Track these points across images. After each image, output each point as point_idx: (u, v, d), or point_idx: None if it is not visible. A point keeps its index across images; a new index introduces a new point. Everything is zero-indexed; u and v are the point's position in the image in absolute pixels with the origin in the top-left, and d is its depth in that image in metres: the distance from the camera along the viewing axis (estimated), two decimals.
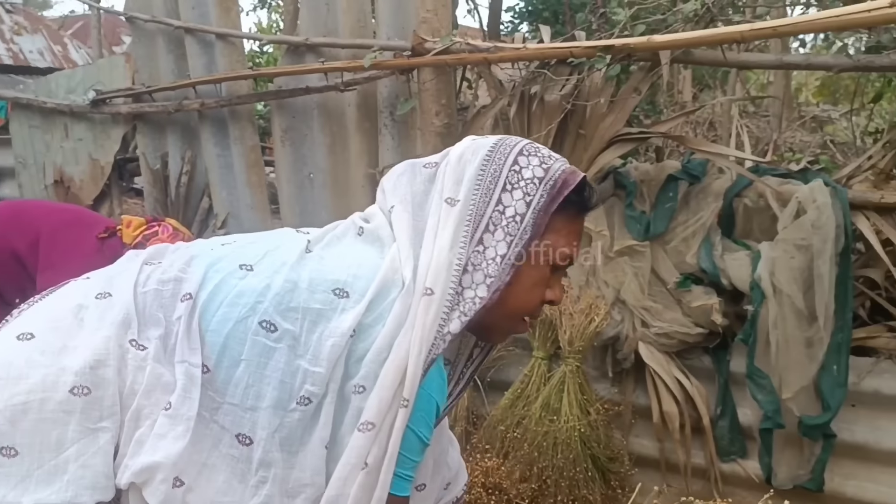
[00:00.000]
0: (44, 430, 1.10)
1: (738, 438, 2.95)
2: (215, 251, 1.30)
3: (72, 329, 1.19)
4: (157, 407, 1.17)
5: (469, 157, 1.31)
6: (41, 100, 4.70)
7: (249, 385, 1.18)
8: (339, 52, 3.63)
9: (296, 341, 1.19)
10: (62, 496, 1.09)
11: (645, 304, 2.98)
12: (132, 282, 1.24)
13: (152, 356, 1.19)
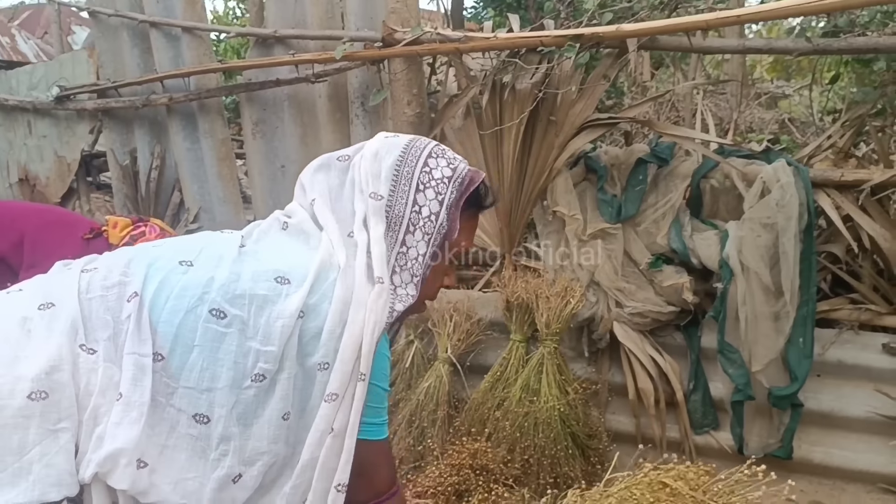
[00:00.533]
0: (4, 435, 1.15)
1: (710, 411, 3.06)
2: (150, 252, 1.38)
3: (20, 340, 1.23)
4: (113, 403, 1.23)
5: (384, 155, 1.41)
6: (2, 97, 4.62)
7: (204, 368, 1.27)
8: (309, 43, 3.64)
9: (245, 325, 1.28)
10: (29, 495, 1.14)
11: (618, 285, 3.07)
12: (74, 290, 1.29)
13: (103, 357, 1.25)
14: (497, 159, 3.27)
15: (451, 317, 3.29)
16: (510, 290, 3.17)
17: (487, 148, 3.28)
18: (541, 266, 3.35)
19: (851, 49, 2.78)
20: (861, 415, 2.86)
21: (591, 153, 3.25)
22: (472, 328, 3.30)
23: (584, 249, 3.12)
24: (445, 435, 3.12)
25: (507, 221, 3.36)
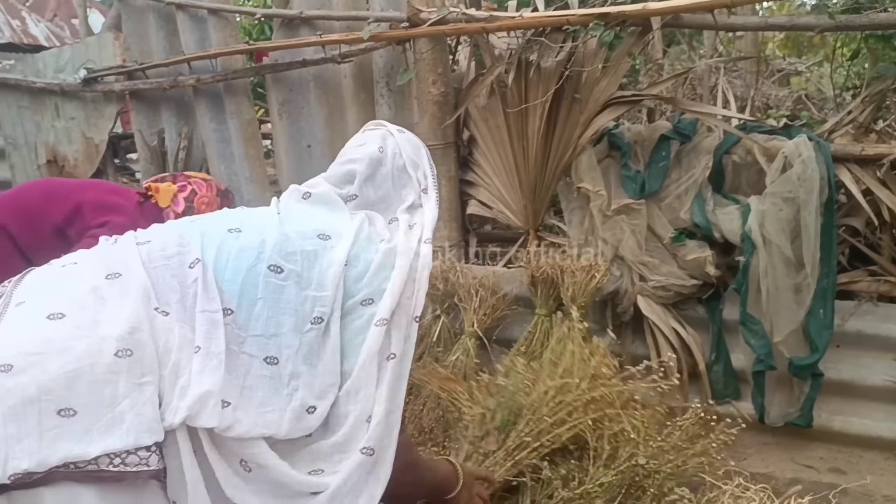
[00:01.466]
0: (96, 390, 1.26)
1: (731, 382, 3.14)
2: (197, 224, 1.59)
3: (97, 306, 1.36)
4: (191, 358, 1.37)
5: (418, 147, 1.87)
6: (30, 80, 4.70)
7: (269, 317, 1.45)
8: (334, 24, 3.70)
9: (300, 277, 1.49)
10: (125, 441, 1.25)
11: (642, 260, 3.14)
12: (138, 260, 1.45)
13: (175, 319, 1.40)
14: (522, 137, 3.33)
15: (477, 292, 3.37)
16: (535, 266, 3.25)
17: (512, 126, 3.35)
18: (565, 242, 3.42)
19: (873, 25, 2.82)
20: (879, 384, 2.94)
21: (614, 130, 3.31)
22: (497, 303, 3.38)
23: (608, 225, 3.19)
24: None
25: (531, 198, 3.43)
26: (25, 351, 1.25)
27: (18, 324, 1.33)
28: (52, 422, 1.21)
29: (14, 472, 1.17)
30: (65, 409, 1.22)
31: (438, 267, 3.44)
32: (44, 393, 1.22)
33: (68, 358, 1.25)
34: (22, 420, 1.20)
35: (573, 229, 3.34)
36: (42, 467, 1.18)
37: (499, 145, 3.44)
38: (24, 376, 1.22)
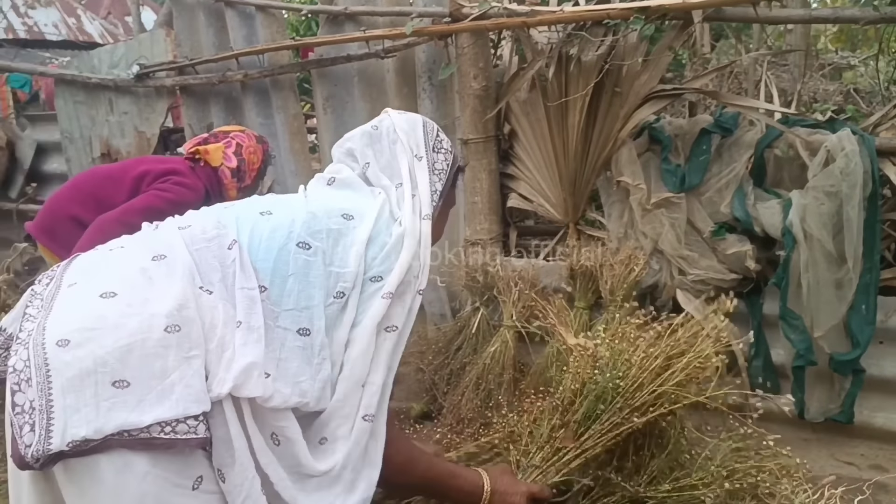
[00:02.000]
0: (148, 363, 1.35)
1: (771, 376, 3.13)
2: (231, 209, 1.71)
3: (146, 285, 1.46)
4: (234, 332, 1.47)
5: (414, 126, 1.94)
6: (85, 76, 4.85)
7: (300, 291, 1.56)
8: (378, 20, 3.76)
9: (325, 254, 1.61)
10: (175, 411, 1.34)
11: (682, 253, 3.14)
12: (181, 243, 1.56)
13: (218, 296, 1.50)
14: (562, 130, 3.35)
15: (516, 284, 3.41)
16: (574, 259, 3.27)
17: (552, 119, 3.37)
18: (605, 235, 3.43)
19: None
20: None
21: (655, 124, 3.31)
22: (536, 296, 3.41)
23: (648, 218, 3.20)
24: (511, 397, 3.24)
25: (571, 191, 3.45)
26: (81, 327, 1.34)
27: (73, 302, 1.43)
28: (107, 392, 1.30)
29: (72, 439, 1.25)
30: (119, 380, 1.31)
31: (478, 259, 3.49)
32: (100, 366, 1.31)
33: (121, 333, 1.35)
34: (79, 391, 1.28)
35: (612, 223, 3.35)
36: (98, 435, 1.27)
37: (539, 139, 3.47)
38: (80, 350, 1.31)
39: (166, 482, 1.34)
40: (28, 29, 13.44)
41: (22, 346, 1.35)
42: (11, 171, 5.42)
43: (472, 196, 3.65)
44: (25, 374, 1.31)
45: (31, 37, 13.05)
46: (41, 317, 1.41)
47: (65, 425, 1.26)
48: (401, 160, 1.86)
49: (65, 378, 1.29)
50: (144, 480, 1.32)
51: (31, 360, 1.32)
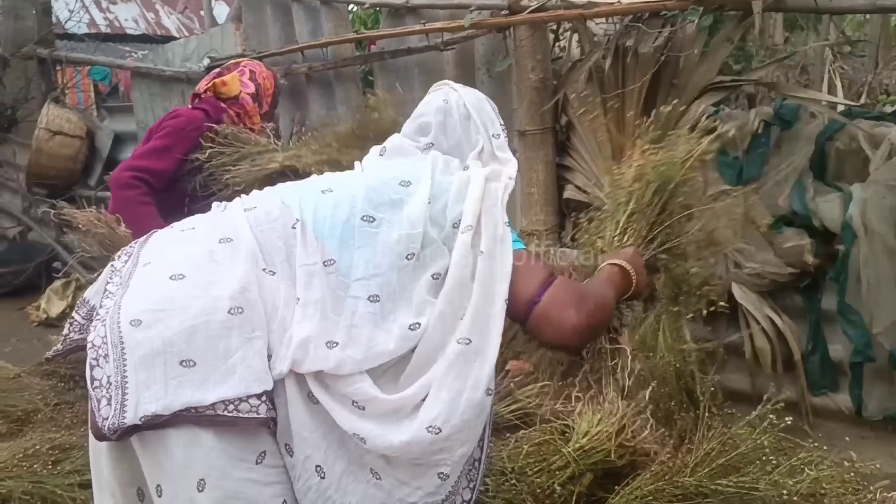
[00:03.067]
0: (212, 344, 1.40)
1: (829, 373, 3.09)
2: (293, 189, 1.73)
3: (211, 268, 1.50)
4: (294, 312, 1.51)
5: (485, 100, 1.95)
6: (160, 68, 5.06)
7: (368, 260, 1.56)
8: (438, 13, 3.82)
9: (391, 224, 1.60)
10: (237, 390, 1.39)
11: (738, 247, 3.12)
12: (246, 226, 1.59)
13: (280, 277, 1.52)
14: (619, 122, 3.36)
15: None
16: None
17: (609, 111, 3.38)
18: None
19: None
20: None
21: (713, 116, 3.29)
22: None
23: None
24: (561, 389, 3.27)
25: None
26: (151, 308, 1.42)
27: (145, 282, 1.51)
28: (175, 371, 1.37)
29: (144, 414, 1.34)
30: (186, 360, 1.38)
31: (532, 250, 3.52)
32: (168, 346, 1.38)
33: (187, 315, 1.41)
34: (150, 369, 1.36)
35: None
36: (167, 411, 1.34)
37: (596, 130, 3.48)
38: (150, 331, 1.39)
39: (231, 457, 1.40)
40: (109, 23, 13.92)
41: (100, 323, 1.43)
42: (91, 160, 5.66)
43: (529, 187, 3.68)
44: (103, 351, 1.39)
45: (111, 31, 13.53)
46: (119, 294, 1.48)
47: (137, 400, 1.34)
48: (475, 141, 1.84)
49: (137, 356, 1.37)
50: (210, 454, 1.38)
51: (108, 336, 1.39)
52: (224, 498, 1.40)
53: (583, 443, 2.24)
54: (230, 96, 3.04)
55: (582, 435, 2.29)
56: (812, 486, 1.88)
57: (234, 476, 1.41)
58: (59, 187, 5.71)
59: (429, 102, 1.94)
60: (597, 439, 2.26)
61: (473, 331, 1.53)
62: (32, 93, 5.99)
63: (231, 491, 1.40)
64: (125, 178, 2.79)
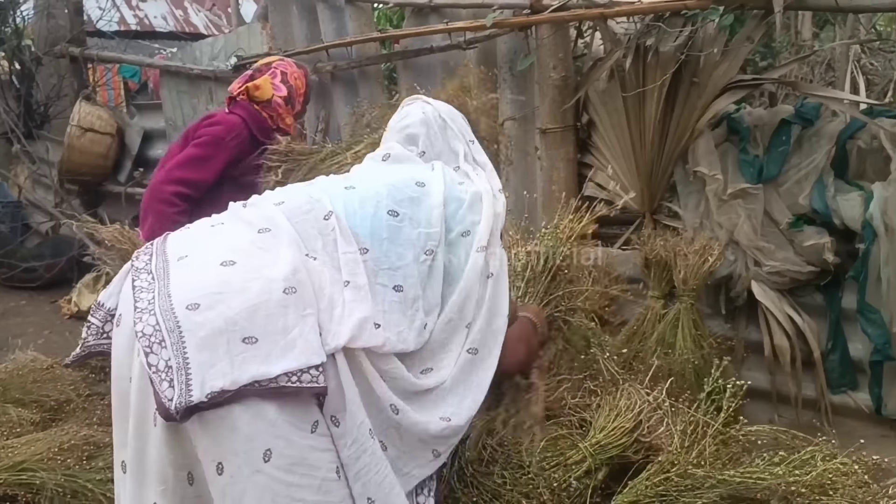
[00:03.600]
0: (271, 321, 1.50)
1: (848, 371, 3.09)
2: (318, 185, 1.88)
3: (260, 254, 1.62)
4: (341, 292, 1.64)
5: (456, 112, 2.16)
6: (188, 67, 5.14)
7: (394, 252, 1.74)
8: (461, 12, 3.85)
9: (412, 220, 1.79)
10: (299, 362, 1.49)
11: (758, 245, 3.13)
12: (282, 217, 1.71)
13: (322, 262, 1.65)
14: (639, 120, 3.38)
15: (590, 273, 3.46)
16: (649, 248, 3.30)
17: (630, 109, 3.40)
18: (680, 225, 3.44)
19: None
20: None
21: (734, 114, 3.30)
22: (609, 283, 3.45)
23: (724, 209, 3.20)
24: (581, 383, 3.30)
25: (648, 181, 3.47)
26: (209, 292, 1.51)
27: (193, 271, 1.59)
28: (239, 348, 1.46)
29: (211, 390, 1.41)
30: (248, 337, 1.47)
31: None
32: (230, 325, 1.47)
33: (247, 296, 1.51)
34: (213, 349, 1.45)
35: (688, 213, 3.36)
36: (234, 385, 1.43)
37: (617, 129, 3.50)
38: (211, 312, 1.48)
39: (292, 426, 1.50)
40: (139, 21, 14.08)
41: (146, 314, 1.50)
42: (121, 157, 5.77)
43: (550, 184, 3.72)
44: (156, 337, 1.45)
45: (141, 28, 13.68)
46: (159, 286, 1.56)
47: (203, 379, 1.42)
48: (455, 145, 2.06)
49: (198, 337, 1.45)
50: (274, 425, 1.48)
51: (160, 324, 1.47)
52: (290, 465, 1.49)
53: (599, 438, 2.28)
54: (263, 100, 3.07)
55: (599, 430, 2.34)
56: (819, 479, 1.90)
57: (298, 444, 1.51)
58: (90, 183, 5.83)
59: (408, 115, 2.11)
60: (613, 434, 2.30)
61: (480, 342, 1.81)
62: (65, 90, 6.10)
63: (296, 458, 1.50)
64: (166, 193, 2.80)
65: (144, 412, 1.51)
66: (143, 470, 1.55)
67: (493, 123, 3.90)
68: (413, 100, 2.19)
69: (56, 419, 3.14)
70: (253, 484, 1.46)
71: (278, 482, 1.48)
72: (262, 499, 1.47)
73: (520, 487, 2.10)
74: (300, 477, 1.51)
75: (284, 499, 1.49)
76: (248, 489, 1.46)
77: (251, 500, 1.46)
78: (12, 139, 6.20)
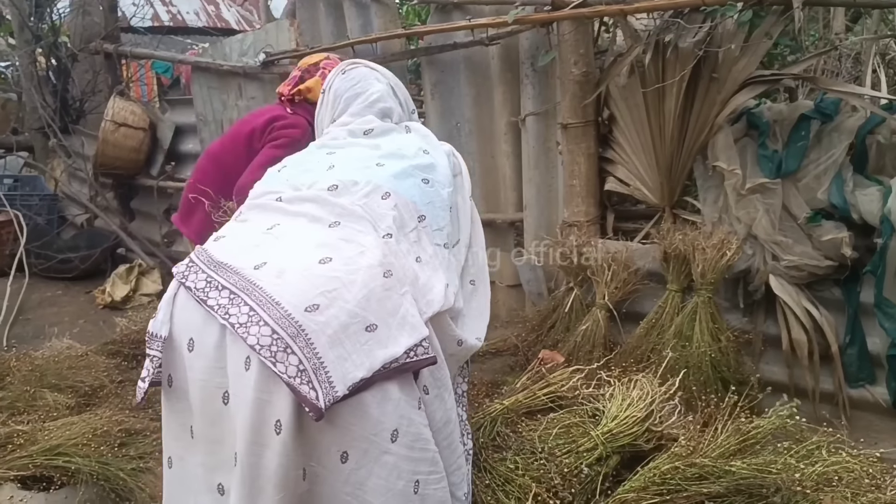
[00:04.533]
0: (382, 304, 1.62)
1: (866, 365, 3.10)
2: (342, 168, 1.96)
3: (348, 245, 1.71)
4: (420, 265, 1.80)
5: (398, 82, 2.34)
6: (218, 63, 5.24)
7: (439, 215, 1.93)
8: (484, 8, 3.91)
9: (439, 182, 1.98)
10: (414, 335, 1.62)
11: (776, 239, 3.15)
12: (351, 205, 1.80)
13: (396, 239, 1.78)
14: (659, 115, 3.41)
15: (610, 266, 3.50)
16: (668, 242, 3.33)
17: (650, 104, 3.43)
18: (700, 219, 3.47)
19: None
20: None
21: (754, 109, 3.31)
22: (629, 277, 3.50)
23: (742, 203, 3.22)
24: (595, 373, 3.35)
25: (667, 175, 3.50)
26: (322, 291, 1.58)
27: (293, 276, 1.60)
28: (364, 337, 1.57)
29: (353, 381, 1.51)
30: (369, 325, 1.58)
31: (574, 241, 3.60)
32: (352, 317, 1.57)
33: (357, 287, 1.60)
34: (342, 344, 1.54)
35: (707, 207, 3.39)
36: (370, 372, 1.53)
37: (637, 124, 3.53)
38: (332, 309, 1.56)
39: (410, 405, 1.62)
40: (172, 17, 14.28)
41: (254, 326, 1.50)
42: (153, 151, 5.90)
43: (571, 179, 3.76)
44: (279, 345, 1.48)
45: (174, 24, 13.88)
46: (254, 298, 1.55)
47: (343, 373, 1.50)
48: (406, 106, 2.29)
49: (326, 336, 1.52)
50: (399, 405, 1.59)
51: (278, 332, 1.49)
52: (412, 442, 1.61)
53: (611, 426, 2.33)
54: (315, 101, 3.13)
55: (611, 419, 2.39)
56: (826, 471, 1.93)
57: (416, 421, 1.63)
58: (123, 176, 5.98)
59: (369, 86, 2.20)
60: (625, 423, 2.35)
61: (475, 275, 2.11)
62: (99, 86, 6.25)
63: (415, 434, 1.62)
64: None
65: (261, 425, 1.49)
66: (258, 486, 1.52)
67: (515, 118, 3.96)
68: (354, 64, 2.29)
69: (90, 404, 3.26)
70: (381, 465, 1.56)
71: (405, 459, 1.59)
72: (388, 477, 1.57)
73: (531, 472, 2.16)
74: (420, 452, 1.63)
75: (407, 474, 1.60)
76: (375, 471, 1.56)
77: (377, 481, 1.56)
78: (49, 134, 6.37)
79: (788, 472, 1.91)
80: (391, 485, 1.57)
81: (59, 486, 2.58)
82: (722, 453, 2.05)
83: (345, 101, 2.19)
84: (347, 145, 2.05)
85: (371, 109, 2.16)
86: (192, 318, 1.60)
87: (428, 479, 1.64)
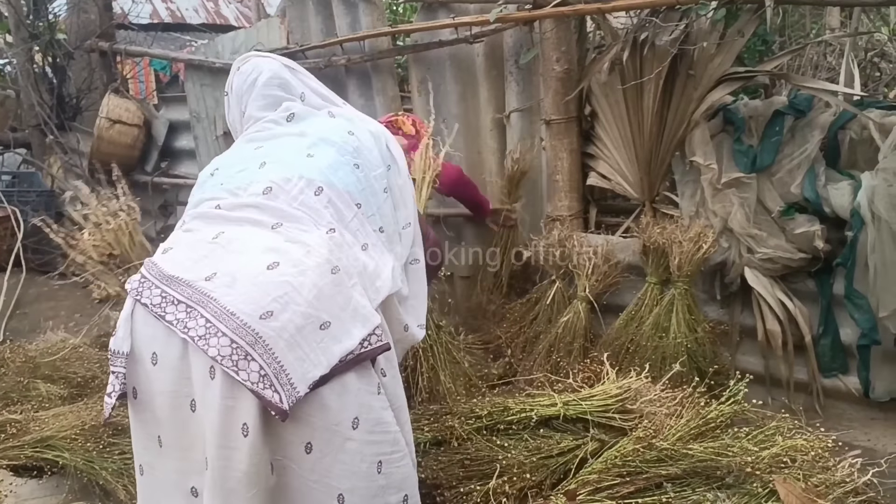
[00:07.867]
0: (333, 300, 1.67)
1: (839, 355, 3.18)
2: (276, 166, 1.91)
3: (293, 248, 1.71)
4: (364, 253, 1.84)
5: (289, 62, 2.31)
6: (210, 60, 5.31)
7: (373, 200, 1.96)
8: (469, 6, 3.97)
9: (366, 167, 1.98)
10: (366, 327, 1.69)
11: (751, 232, 3.22)
12: (289, 208, 1.81)
13: (339, 231, 1.81)
14: (638, 111, 3.48)
15: (591, 259, 3.58)
16: (647, 236, 3.41)
17: (629, 101, 3.50)
18: (678, 213, 3.54)
19: None
20: None
21: (730, 105, 3.38)
22: (609, 270, 3.57)
23: (718, 197, 3.29)
24: (579, 365, 3.43)
25: (647, 170, 3.57)
26: (274, 297, 1.60)
27: (243, 284, 1.62)
28: (319, 336, 1.62)
29: (312, 380, 1.57)
30: (323, 323, 1.63)
31: (556, 235, 3.67)
32: (305, 319, 1.61)
33: (306, 289, 1.63)
34: (300, 346, 1.59)
35: (685, 201, 3.46)
36: (328, 368, 1.59)
37: (617, 120, 3.60)
38: (285, 314, 1.59)
39: (368, 392, 1.68)
40: (171, 13, 14.31)
41: (212, 336, 1.54)
42: (147, 148, 5.98)
43: (554, 174, 3.83)
44: (237, 355, 1.53)
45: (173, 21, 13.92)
46: (209, 310, 1.57)
47: (303, 373, 1.56)
48: (312, 86, 2.23)
49: (283, 341, 1.57)
50: (358, 395, 1.65)
51: (236, 342, 1.53)
52: (373, 427, 1.68)
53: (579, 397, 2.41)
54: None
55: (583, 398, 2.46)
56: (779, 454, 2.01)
57: (375, 406, 1.70)
58: None
59: (262, 69, 2.18)
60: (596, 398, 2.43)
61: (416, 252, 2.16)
62: (95, 83, 6.31)
63: (375, 420, 1.69)
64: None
65: (229, 429, 1.54)
66: (229, 488, 1.56)
67: (500, 115, 4.03)
68: (246, 58, 2.27)
69: (82, 395, 3.34)
70: (344, 452, 1.63)
71: (367, 444, 1.66)
72: (352, 462, 1.64)
73: None
74: (380, 435, 1.70)
75: (370, 456, 1.67)
76: (339, 458, 1.63)
77: (341, 467, 1.64)
78: (46, 131, 6.44)
79: (744, 455, 1.99)
80: (355, 468, 1.64)
81: (49, 474, 2.66)
82: (681, 437, 2.13)
83: (246, 90, 2.18)
84: (273, 136, 2.03)
85: (269, 87, 2.13)
86: (154, 333, 1.63)
87: (391, 459, 1.71)
